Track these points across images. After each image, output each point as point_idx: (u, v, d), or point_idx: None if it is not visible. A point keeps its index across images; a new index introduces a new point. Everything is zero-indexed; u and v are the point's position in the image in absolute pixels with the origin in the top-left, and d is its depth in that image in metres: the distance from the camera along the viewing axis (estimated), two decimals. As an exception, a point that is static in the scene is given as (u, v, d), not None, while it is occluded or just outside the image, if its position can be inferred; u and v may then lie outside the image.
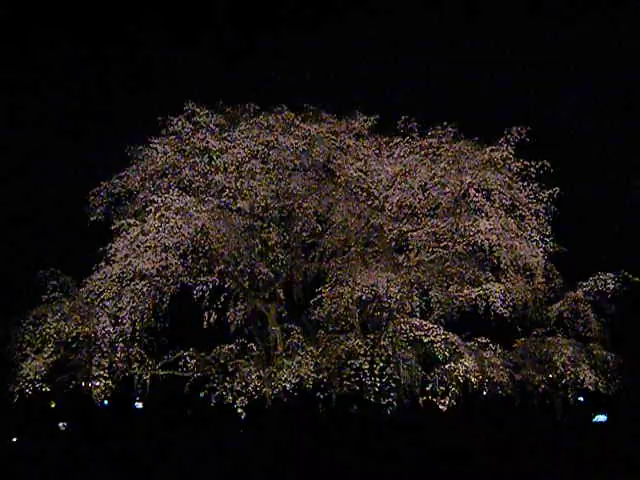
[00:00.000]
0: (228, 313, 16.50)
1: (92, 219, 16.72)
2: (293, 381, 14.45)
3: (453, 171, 16.12)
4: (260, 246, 16.18)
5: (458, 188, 16.09)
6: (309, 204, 15.72)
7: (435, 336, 14.75)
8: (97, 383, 15.13)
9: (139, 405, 16.47)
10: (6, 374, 14.79)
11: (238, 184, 16.14)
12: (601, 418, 13.84)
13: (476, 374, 14.46)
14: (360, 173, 16.65)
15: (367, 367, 14.51)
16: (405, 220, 16.64)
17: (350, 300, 14.64)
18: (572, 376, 15.15)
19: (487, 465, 13.45)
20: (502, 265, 15.63)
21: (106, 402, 15.43)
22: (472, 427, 15.87)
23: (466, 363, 14.44)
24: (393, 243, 16.66)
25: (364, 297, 14.64)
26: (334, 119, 17.79)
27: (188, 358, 16.19)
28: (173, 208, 15.10)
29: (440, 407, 14.36)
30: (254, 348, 16.34)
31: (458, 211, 15.92)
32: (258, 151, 16.46)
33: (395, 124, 17.49)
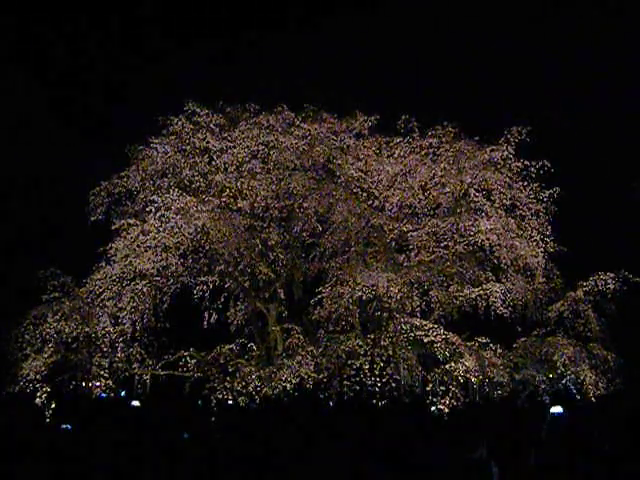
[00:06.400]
0: (228, 313, 16.53)
1: (92, 219, 16.71)
2: (293, 381, 14.44)
3: (453, 171, 16.14)
4: (260, 246, 16.18)
5: (458, 188, 16.10)
6: (309, 204, 15.72)
7: (435, 336, 14.77)
8: (97, 383, 15.14)
9: (136, 403, 16.45)
10: (6, 374, 14.78)
11: (238, 184, 16.14)
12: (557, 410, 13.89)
13: (476, 374, 14.46)
14: (360, 173, 16.67)
15: (367, 367, 14.52)
16: (405, 220, 16.65)
17: (350, 300, 14.64)
18: (572, 376, 15.15)
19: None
20: (502, 265, 15.65)
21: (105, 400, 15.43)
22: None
23: (466, 363, 14.45)
24: (393, 243, 16.68)
25: (364, 297, 14.65)
26: (334, 119, 17.80)
27: (188, 358, 16.21)
28: (173, 208, 15.12)
29: (440, 407, 14.35)
30: (254, 348, 16.36)
31: (458, 211, 15.93)
32: (258, 151, 16.48)
33: (395, 124, 17.52)
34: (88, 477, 9.09)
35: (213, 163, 16.87)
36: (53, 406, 14.19)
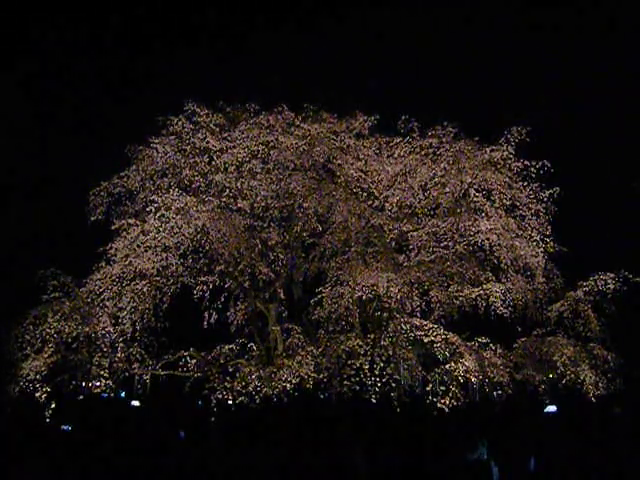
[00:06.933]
0: (228, 313, 16.51)
1: (92, 219, 16.70)
2: (293, 381, 14.44)
3: (453, 171, 16.12)
4: (260, 246, 16.18)
5: (458, 188, 16.08)
6: (309, 204, 15.72)
7: (435, 336, 14.75)
8: (97, 383, 15.14)
9: (136, 403, 16.46)
10: (6, 374, 14.77)
11: (238, 184, 16.14)
12: (552, 409, 13.90)
13: (476, 374, 14.45)
14: (360, 173, 16.67)
15: (367, 367, 14.51)
16: (405, 220, 16.65)
17: (350, 300, 14.63)
18: (572, 376, 15.14)
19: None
20: (502, 265, 15.63)
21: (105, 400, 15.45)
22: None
23: (466, 363, 14.44)
24: (393, 243, 16.67)
25: (364, 297, 14.63)
26: (334, 119, 17.81)
27: (188, 358, 16.21)
28: (173, 208, 15.11)
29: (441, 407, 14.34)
30: (254, 348, 16.35)
31: (458, 211, 15.92)
32: (258, 151, 16.47)
33: (395, 124, 17.52)
34: (88, 477, 9.08)
35: (213, 163, 16.86)
36: (53, 406, 14.19)
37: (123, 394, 17.56)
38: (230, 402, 14.84)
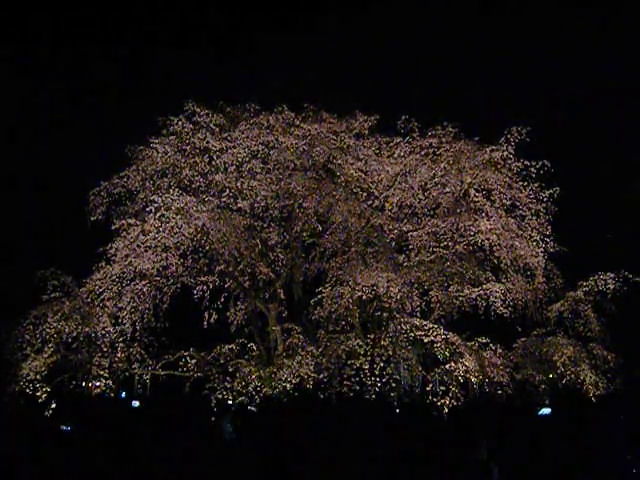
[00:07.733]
0: (228, 313, 16.53)
1: (92, 219, 16.69)
2: (293, 381, 14.44)
3: (453, 171, 16.12)
4: (260, 246, 16.18)
5: (458, 188, 16.09)
6: (309, 204, 15.72)
7: (435, 336, 14.76)
8: (97, 383, 15.14)
9: (136, 403, 16.45)
10: (6, 374, 14.77)
11: (238, 184, 16.15)
12: (546, 411, 13.89)
13: (476, 374, 14.45)
14: (360, 173, 16.68)
15: (367, 367, 14.51)
16: (405, 220, 16.65)
17: (350, 300, 14.63)
18: (572, 376, 15.14)
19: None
20: (502, 265, 15.64)
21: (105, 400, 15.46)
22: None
23: (466, 363, 14.44)
24: (393, 243, 16.68)
25: (364, 297, 14.63)
26: (334, 119, 17.81)
27: (188, 358, 16.22)
28: (173, 208, 15.11)
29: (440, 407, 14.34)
30: (254, 348, 16.36)
31: (458, 211, 15.92)
32: (258, 151, 16.48)
33: (395, 124, 17.52)
34: (88, 477, 9.08)
35: (213, 163, 16.86)
36: (53, 406, 14.18)
37: (123, 394, 17.54)
38: (230, 402, 14.85)
